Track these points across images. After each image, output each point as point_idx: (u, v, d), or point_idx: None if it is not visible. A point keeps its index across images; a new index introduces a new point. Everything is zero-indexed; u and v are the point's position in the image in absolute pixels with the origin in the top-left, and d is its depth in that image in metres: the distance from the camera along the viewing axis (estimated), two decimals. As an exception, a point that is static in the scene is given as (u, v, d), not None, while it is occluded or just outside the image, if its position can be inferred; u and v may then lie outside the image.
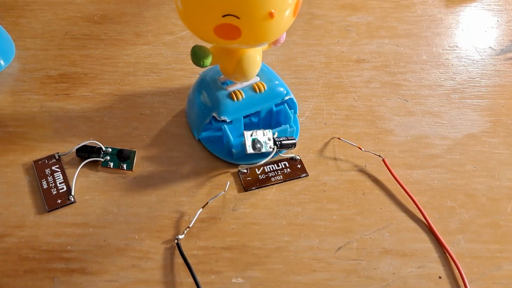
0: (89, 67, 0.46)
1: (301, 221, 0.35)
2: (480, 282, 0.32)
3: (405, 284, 0.32)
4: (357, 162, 0.39)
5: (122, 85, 0.44)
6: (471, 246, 0.34)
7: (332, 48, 0.49)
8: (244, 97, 0.37)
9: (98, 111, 0.42)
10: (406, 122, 0.42)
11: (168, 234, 0.34)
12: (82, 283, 0.31)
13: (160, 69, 0.46)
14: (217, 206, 0.35)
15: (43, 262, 0.32)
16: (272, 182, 0.37)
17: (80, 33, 0.50)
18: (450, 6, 0.55)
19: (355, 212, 0.35)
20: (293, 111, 0.39)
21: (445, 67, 0.47)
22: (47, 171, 0.37)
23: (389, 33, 0.51)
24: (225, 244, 0.33)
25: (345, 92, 0.44)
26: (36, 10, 0.52)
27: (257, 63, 0.36)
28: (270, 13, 0.29)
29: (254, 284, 0.32)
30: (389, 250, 0.33)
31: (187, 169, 0.38)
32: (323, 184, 0.37)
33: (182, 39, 0.49)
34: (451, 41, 0.50)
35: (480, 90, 0.45)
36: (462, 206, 0.36)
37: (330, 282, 0.32)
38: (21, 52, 0.47)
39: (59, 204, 0.35)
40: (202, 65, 0.33)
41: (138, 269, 0.32)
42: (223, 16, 0.29)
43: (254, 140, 0.36)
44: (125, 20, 0.51)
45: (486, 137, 0.41)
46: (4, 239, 0.33)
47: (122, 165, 0.37)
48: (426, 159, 0.39)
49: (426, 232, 0.34)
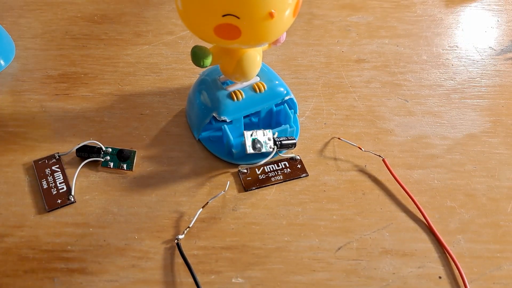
0: (89, 67, 0.46)
1: (301, 221, 0.35)
2: (480, 282, 0.32)
3: (405, 284, 0.32)
4: (357, 162, 0.39)
5: (122, 85, 0.44)
6: (471, 246, 0.34)
7: (332, 48, 0.49)
8: (244, 97, 0.37)
9: (98, 111, 0.42)
10: (406, 122, 0.42)
11: (168, 234, 0.34)
12: (82, 283, 0.31)
13: (160, 69, 0.46)
14: (217, 206, 0.35)
15: (43, 262, 0.32)
16: (272, 182, 0.37)
17: (80, 33, 0.50)
18: (450, 6, 0.55)
19: (355, 212, 0.35)
20: (293, 111, 0.39)
21: (445, 67, 0.47)
22: (47, 171, 0.37)
23: (389, 33, 0.51)
24: (225, 244, 0.33)
25: (345, 92, 0.44)
26: (36, 10, 0.52)
27: (257, 63, 0.36)
28: (270, 13, 0.29)
29: (254, 284, 0.32)
30: (389, 250, 0.33)
31: (187, 169, 0.38)
32: (323, 184, 0.37)
33: (182, 39, 0.49)
34: (451, 41, 0.51)
35: (480, 90, 0.45)
36: (462, 206, 0.36)
37: (330, 282, 0.32)
38: (21, 52, 0.47)
39: (59, 204, 0.35)
40: (202, 65, 0.33)
41: (138, 269, 0.32)
42: (223, 16, 0.29)
43: (254, 140, 0.36)
44: (125, 20, 0.51)
45: (486, 137, 0.41)
46: (4, 239, 0.33)
47: (122, 165, 0.37)
48: (426, 159, 0.39)
49: (426, 232, 0.34)
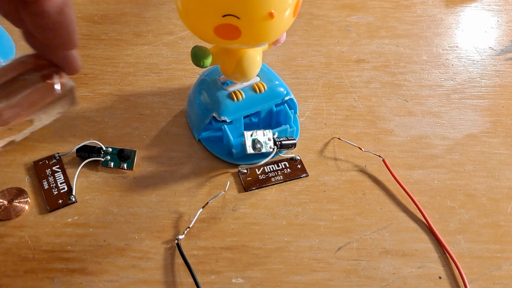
0: (89, 67, 0.46)
1: (301, 221, 0.35)
2: (480, 282, 0.32)
3: (405, 284, 0.32)
4: (357, 162, 0.39)
5: (122, 85, 0.44)
6: (471, 246, 0.34)
7: (332, 48, 0.49)
8: (244, 97, 0.37)
9: (98, 111, 0.42)
10: (406, 122, 0.42)
11: (168, 234, 0.34)
12: (82, 283, 0.31)
13: (160, 69, 0.46)
14: (217, 206, 0.35)
15: (43, 262, 0.32)
16: (272, 182, 0.37)
17: (80, 33, 0.50)
18: (450, 6, 0.55)
19: (355, 212, 0.35)
20: (293, 111, 0.39)
21: (445, 67, 0.47)
22: (48, 171, 0.37)
23: (389, 33, 0.51)
24: (225, 244, 0.33)
25: (345, 92, 0.44)
26: (36, 10, 0.52)
27: (257, 63, 0.36)
28: (270, 13, 0.29)
29: (254, 284, 0.32)
30: (389, 250, 0.33)
31: (187, 169, 0.38)
32: (323, 184, 0.37)
33: (182, 39, 0.49)
34: (451, 41, 0.51)
35: (480, 90, 0.45)
36: (462, 206, 0.36)
37: (330, 282, 0.32)
38: (21, 52, 0.47)
39: (61, 204, 0.35)
40: (202, 66, 0.33)
41: (138, 269, 0.32)
42: (223, 16, 0.29)
43: (254, 140, 0.36)
44: (125, 20, 0.51)
45: (486, 137, 0.41)
46: (4, 239, 0.33)
47: (123, 165, 0.37)
48: (426, 159, 0.39)
49: (426, 232, 0.34)
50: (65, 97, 0.33)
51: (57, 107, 0.33)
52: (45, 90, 0.32)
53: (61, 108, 0.34)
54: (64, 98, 0.33)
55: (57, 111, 0.34)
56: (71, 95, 0.34)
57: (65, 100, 0.34)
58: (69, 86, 0.33)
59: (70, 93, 0.34)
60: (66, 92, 0.33)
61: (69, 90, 0.33)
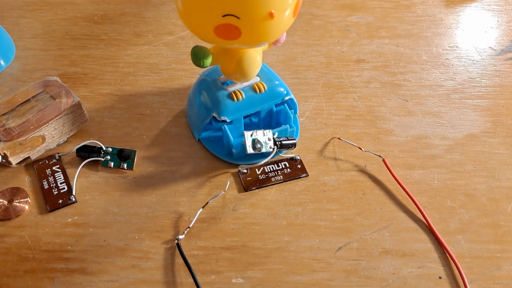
0: (89, 67, 0.46)
1: (301, 221, 0.35)
2: (480, 282, 0.32)
3: (405, 284, 0.32)
4: (357, 162, 0.39)
5: (122, 85, 0.44)
6: (471, 246, 0.34)
7: (332, 48, 0.49)
8: (244, 97, 0.37)
9: (98, 111, 0.42)
10: (406, 122, 0.42)
11: (168, 234, 0.34)
12: (82, 283, 0.31)
13: (160, 69, 0.46)
14: (217, 206, 0.35)
15: (43, 262, 0.32)
16: (272, 182, 0.37)
17: (80, 33, 0.50)
18: (450, 6, 0.55)
19: (355, 212, 0.35)
20: (293, 111, 0.39)
21: (445, 67, 0.47)
22: (48, 171, 0.37)
23: (389, 33, 0.51)
24: (225, 244, 0.33)
25: (345, 92, 0.44)
26: (36, 10, 0.52)
27: (257, 63, 0.36)
28: (270, 13, 0.29)
29: (254, 284, 0.32)
30: (389, 250, 0.33)
31: (187, 169, 0.38)
32: (323, 184, 0.37)
33: (182, 39, 0.49)
34: (451, 41, 0.51)
35: (480, 90, 0.45)
36: (462, 206, 0.36)
37: (330, 282, 0.32)
38: (21, 52, 0.47)
39: (61, 204, 0.35)
40: (202, 66, 0.33)
41: (138, 269, 0.32)
42: (223, 16, 0.29)
43: (254, 140, 0.36)
44: (125, 20, 0.51)
45: (486, 137, 0.41)
46: (4, 239, 0.33)
47: (123, 165, 0.37)
48: (426, 159, 0.39)
49: (426, 232, 0.34)
50: (74, 113, 0.36)
51: (68, 124, 0.36)
52: (53, 107, 0.36)
53: (73, 125, 0.37)
54: (73, 114, 0.36)
55: (69, 128, 0.37)
56: (80, 110, 0.37)
57: (75, 117, 0.37)
58: (75, 102, 0.36)
59: (77, 108, 0.37)
60: (73, 108, 0.36)
61: (76, 105, 0.37)
